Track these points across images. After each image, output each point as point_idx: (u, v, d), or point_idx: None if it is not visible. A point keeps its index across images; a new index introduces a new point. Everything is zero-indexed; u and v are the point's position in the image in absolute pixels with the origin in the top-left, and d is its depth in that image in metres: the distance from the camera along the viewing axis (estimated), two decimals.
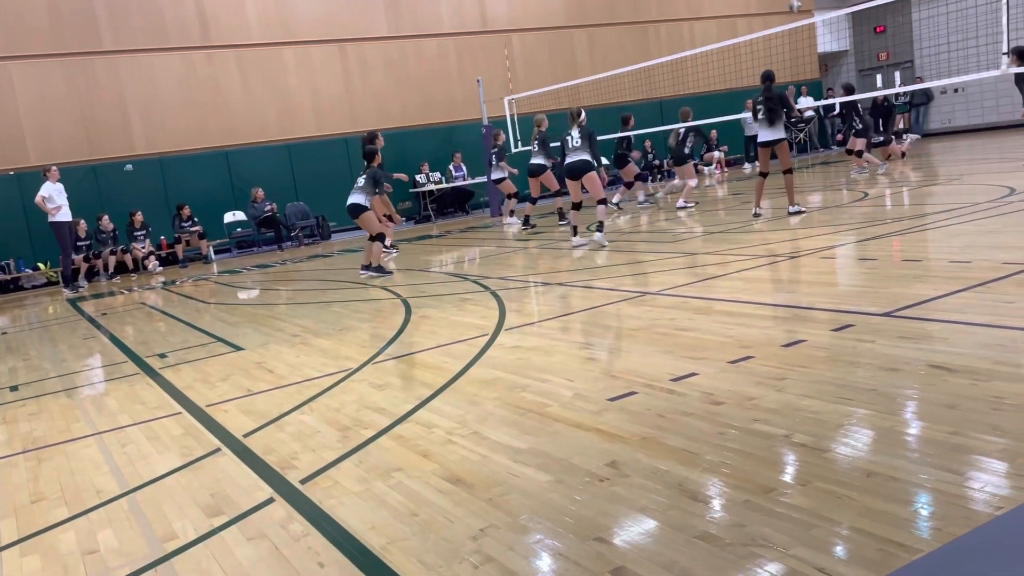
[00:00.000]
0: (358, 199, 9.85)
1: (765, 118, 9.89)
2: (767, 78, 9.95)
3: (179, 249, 15.90)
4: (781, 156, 10.11)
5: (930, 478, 2.62)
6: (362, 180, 9.95)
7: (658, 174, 20.35)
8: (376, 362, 5.38)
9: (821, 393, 3.53)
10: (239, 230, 16.91)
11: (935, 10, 20.86)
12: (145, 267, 15.47)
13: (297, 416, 4.35)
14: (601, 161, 9.89)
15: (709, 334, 4.84)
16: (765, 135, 10.03)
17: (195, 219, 15.98)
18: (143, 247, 15.46)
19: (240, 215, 16.89)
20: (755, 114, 10.08)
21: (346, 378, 5.02)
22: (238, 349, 6.51)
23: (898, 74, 23.72)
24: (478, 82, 17.51)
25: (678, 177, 14.17)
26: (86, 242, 14.87)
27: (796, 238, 8.27)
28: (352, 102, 18.14)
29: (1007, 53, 10.58)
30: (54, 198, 13.00)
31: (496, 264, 9.69)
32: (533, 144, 12.81)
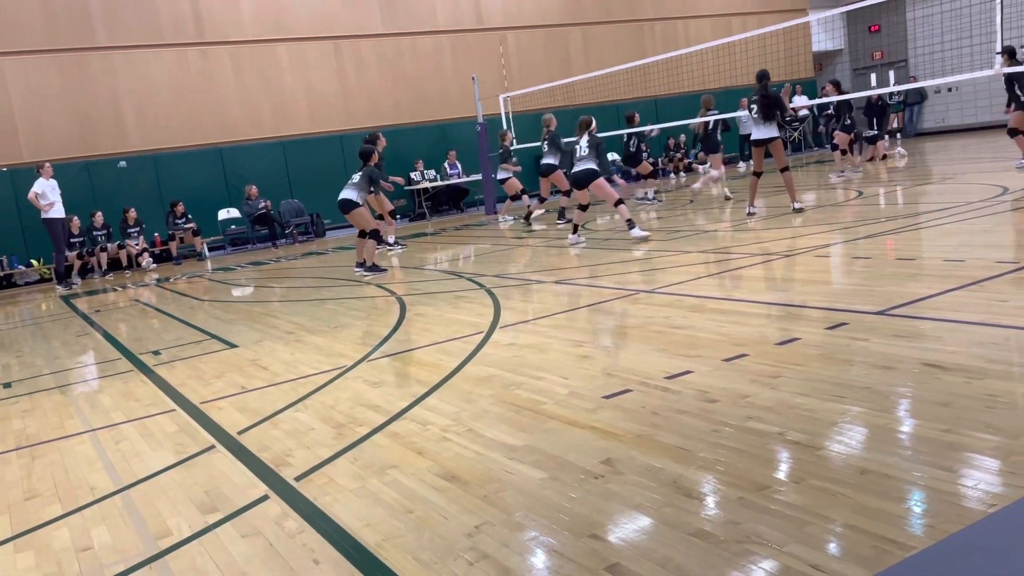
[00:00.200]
0: (350, 195, 9.81)
1: (759, 116, 9.92)
2: (762, 77, 9.98)
3: (173, 246, 15.86)
4: (776, 154, 10.12)
5: (923, 475, 2.63)
6: (357, 177, 9.90)
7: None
8: (371, 359, 5.38)
9: (815, 391, 3.54)
10: (233, 227, 16.88)
11: (929, 9, 20.91)
12: (139, 264, 15.42)
13: (292, 413, 4.35)
14: (608, 170, 9.83)
15: (703, 332, 4.85)
16: (758, 133, 10.05)
17: (189, 216, 15.94)
18: (137, 244, 15.41)
19: (234, 212, 16.86)
20: (751, 112, 10.10)
21: (341, 375, 5.02)
22: (232, 346, 6.50)
23: (892, 73, 23.81)
24: (473, 80, 17.49)
25: (712, 165, 14.09)
26: (79, 239, 14.82)
27: (790, 236, 8.29)
28: (347, 99, 18.12)
29: (1000, 52, 10.64)
30: (47, 195, 12.95)
31: (491, 262, 9.69)
32: (543, 144, 12.73)
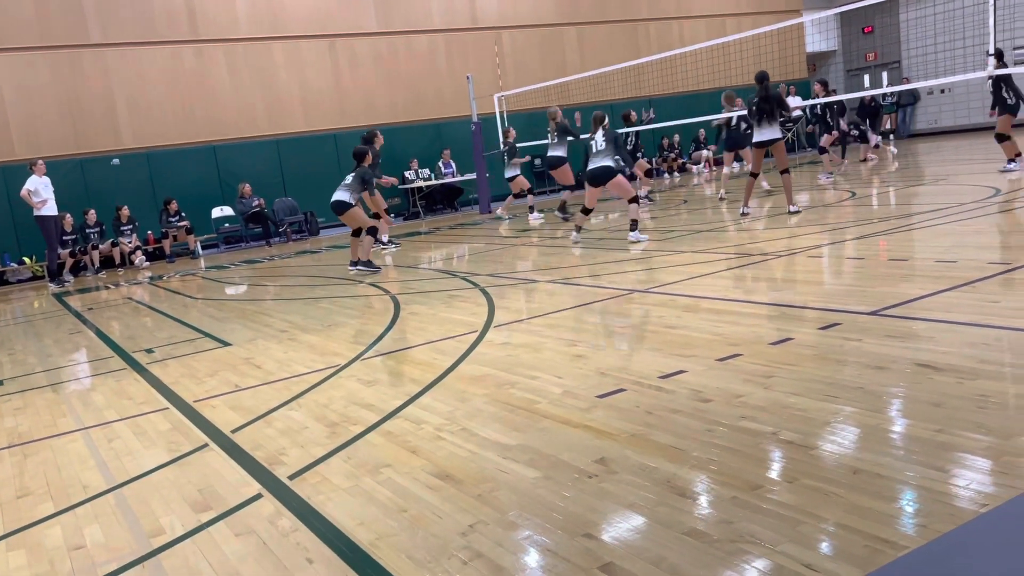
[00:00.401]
0: (343, 196, 9.82)
1: (760, 118, 9.89)
2: (762, 78, 9.94)
3: (166, 244, 15.82)
4: (778, 156, 10.12)
5: (916, 475, 2.64)
6: (350, 178, 9.91)
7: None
8: (365, 358, 5.37)
9: (808, 391, 3.55)
10: (227, 225, 16.84)
11: (923, 11, 20.98)
12: (132, 262, 15.38)
13: (285, 412, 4.34)
14: (629, 162, 9.71)
15: (697, 332, 4.86)
16: (761, 135, 10.02)
17: (182, 214, 15.89)
18: (130, 242, 15.36)
19: (228, 210, 16.82)
20: (751, 114, 10.07)
21: (334, 374, 5.02)
22: (226, 345, 6.49)
23: (885, 74, 23.88)
24: (468, 79, 17.48)
25: (744, 161, 13.92)
26: (72, 236, 14.77)
27: (784, 237, 8.31)
28: (341, 98, 18.09)
29: (992, 54, 10.68)
30: (40, 192, 12.91)
31: (485, 261, 9.69)
32: (552, 136, 12.65)
